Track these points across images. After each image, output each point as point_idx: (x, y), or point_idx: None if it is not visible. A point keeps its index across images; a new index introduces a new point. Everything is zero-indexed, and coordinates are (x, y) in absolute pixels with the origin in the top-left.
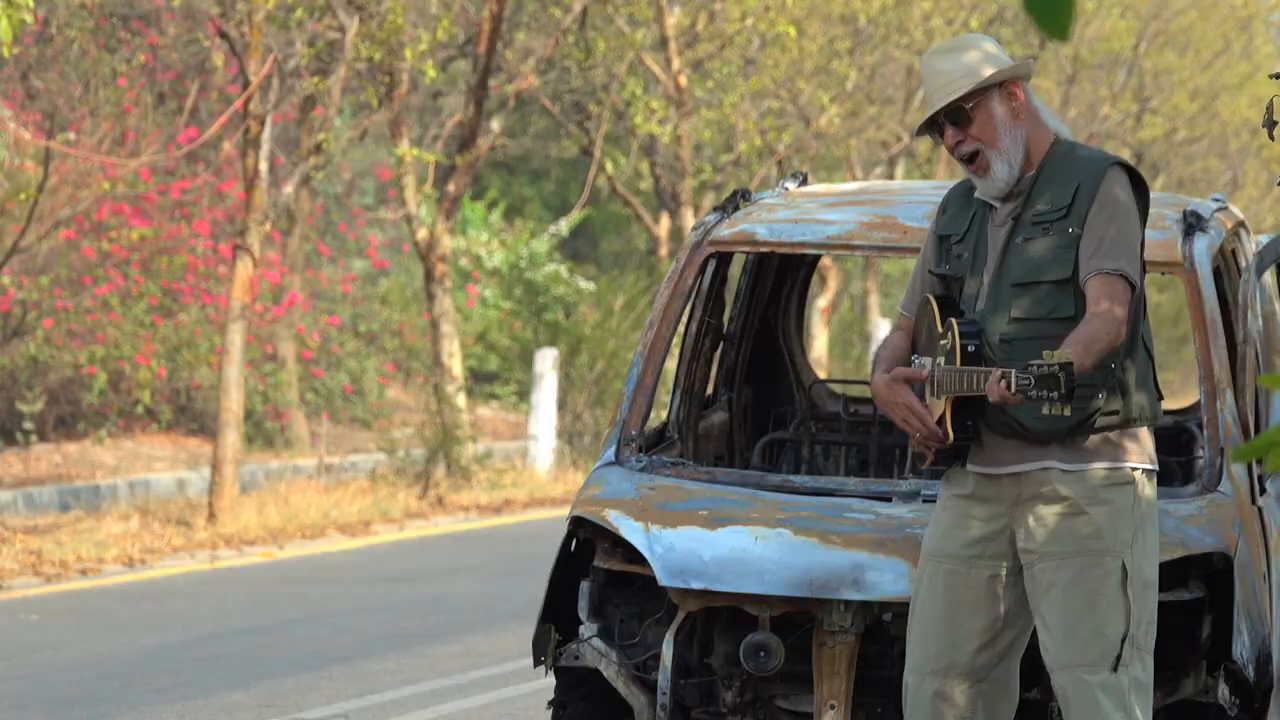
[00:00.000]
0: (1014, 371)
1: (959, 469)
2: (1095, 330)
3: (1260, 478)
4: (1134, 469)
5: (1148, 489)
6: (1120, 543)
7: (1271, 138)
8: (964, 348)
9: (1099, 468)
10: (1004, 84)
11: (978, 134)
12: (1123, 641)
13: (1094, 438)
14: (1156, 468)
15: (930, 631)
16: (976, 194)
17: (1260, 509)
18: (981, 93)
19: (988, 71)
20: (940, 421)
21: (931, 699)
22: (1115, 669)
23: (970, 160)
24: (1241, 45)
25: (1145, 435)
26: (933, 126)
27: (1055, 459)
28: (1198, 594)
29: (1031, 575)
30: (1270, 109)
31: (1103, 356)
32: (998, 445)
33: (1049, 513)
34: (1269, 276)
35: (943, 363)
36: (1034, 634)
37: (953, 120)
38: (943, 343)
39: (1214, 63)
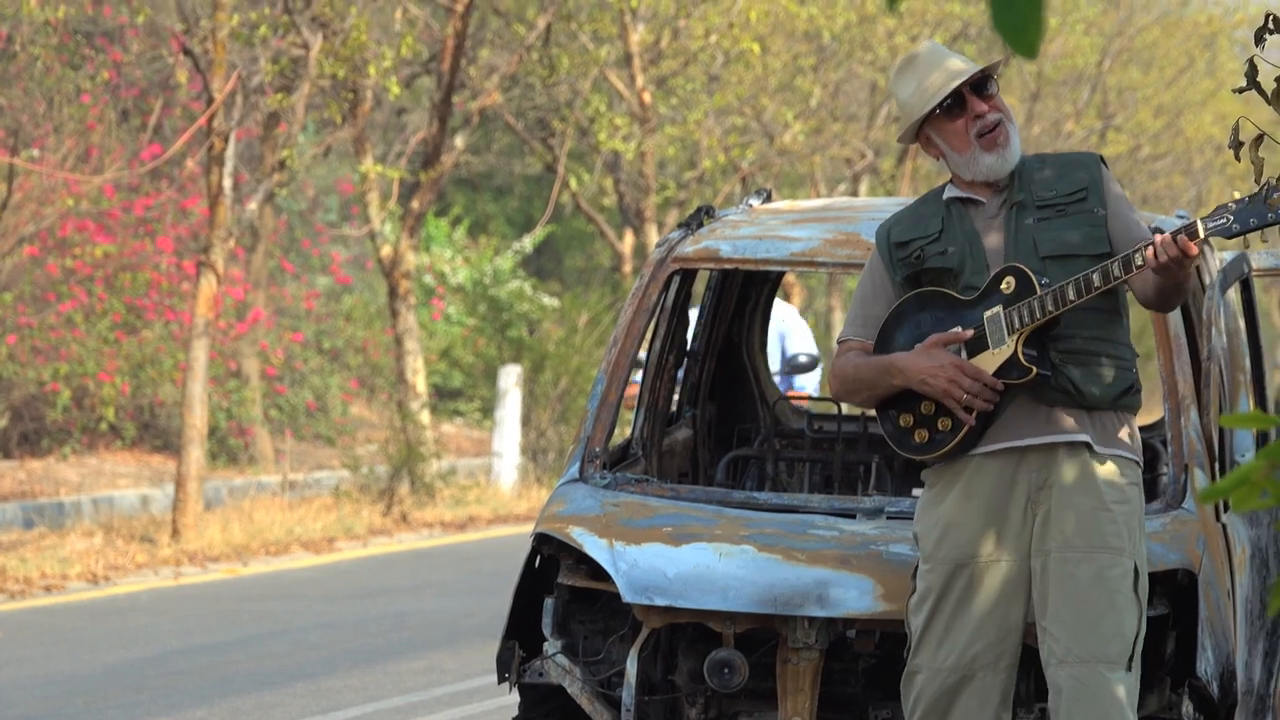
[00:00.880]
0: (1198, 219)
1: (969, 465)
2: None
3: None
4: (1140, 466)
5: (1143, 494)
6: (1134, 543)
7: (1237, 158)
8: (1041, 281)
9: (1124, 457)
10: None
11: (1000, 108)
12: (1135, 642)
13: (1117, 424)
14: None
15: (981, 628)
16: (981, 176)
17: (1224, 526)
18: (996, 76)
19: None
20: (1006, 367)
21: (989, 693)
22: (1129, 669)
23: (992, 130)
24: (1205, 62)
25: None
26: (955, 104)
27: (1089, 434)
28: (1162, 611)
29: (1046, 566)
30: (1236, 129)
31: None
32: (1028, 414)
33: (1076, 504)
34: (1233, 293)
35: (1001, 308)
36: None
37: (979, 90)
38: (1003, 289)
39: (1178, 79)
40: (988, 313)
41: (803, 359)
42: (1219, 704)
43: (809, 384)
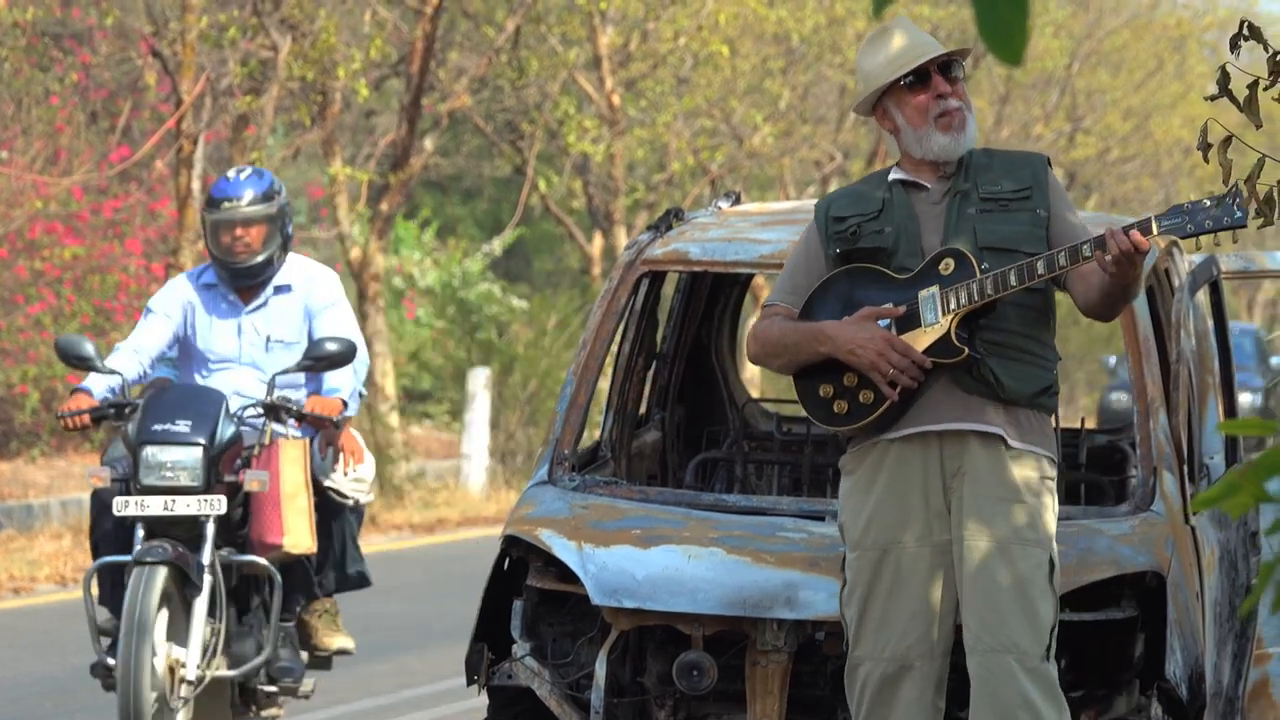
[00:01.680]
0: (1153, 216)
1: (883, 449)
2: None
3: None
4: (1055, 463)
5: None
6: (1048, 536)
7: (1206, 160)
8: (981, 265)
9: (1038, 453)
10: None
11: (962, 93)
12: (1051, 633)
13: (1032, 421)
14: None
15: (915, 616)
16: (932, 155)
17: (1193, 528)
18: (963, 61)
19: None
20: (937, 346)
21: (925, 683)
22: (1046, 658)
23: (951, 113)
24: (1174, 65)
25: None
26: (918, 80)
27: (1001, 427)
28: (1131, 613)
29: (961, 553)
30: (1205, 130)
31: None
32: (945, 400)
33: (989, 495)
34: (1202, 296)
35: (937, 288)
36: None
37: (945, 72)
38: (941, 269)
39: (1147, 82)
40: (922, 291)
41: (330, 347)
42: (1188, 706)
43: (343, 385)
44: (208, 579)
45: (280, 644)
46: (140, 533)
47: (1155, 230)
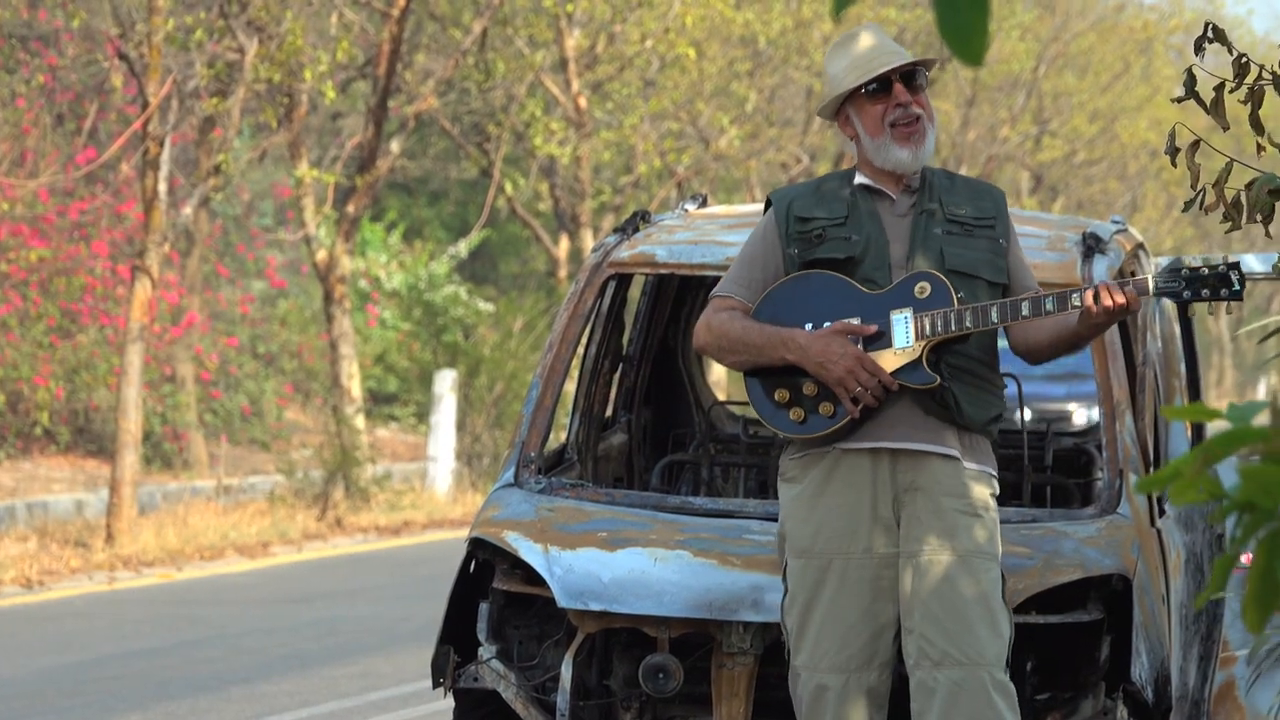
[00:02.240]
0: (1151, 276)
1: (834, 458)
2: None
3: (1160, 500)
4: (996, 479)
5: None
6: (998, 553)
7: (1174, 164)
8: (957, 293)
9: (986, 472)
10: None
11: (923, 105)
12: (1009, 645)
13: (981, 444)
14: None
15: (853, 628)
16: (889, 166)
17: (1159, 531)
18: (928, 72)
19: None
20: (907, 370)
21: (864, 695)
22: (1005, 671)
23: (910, 123)
24: (1141, 68)
25: None
26: (879, 88)
27: (956, 449)
28: (1097, 616)
29: (917, 567)
30: (1173, 135)
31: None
32: (901, 419)
33: (948, 507)
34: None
35: (911, 312)
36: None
37: (908, 82)
38: (916, 293)
39: (1113, 85)
40: (895, 312)
41: None
42: (1154, 709)
43: None
44: None
45: None
46: None
47: (1151, 291)
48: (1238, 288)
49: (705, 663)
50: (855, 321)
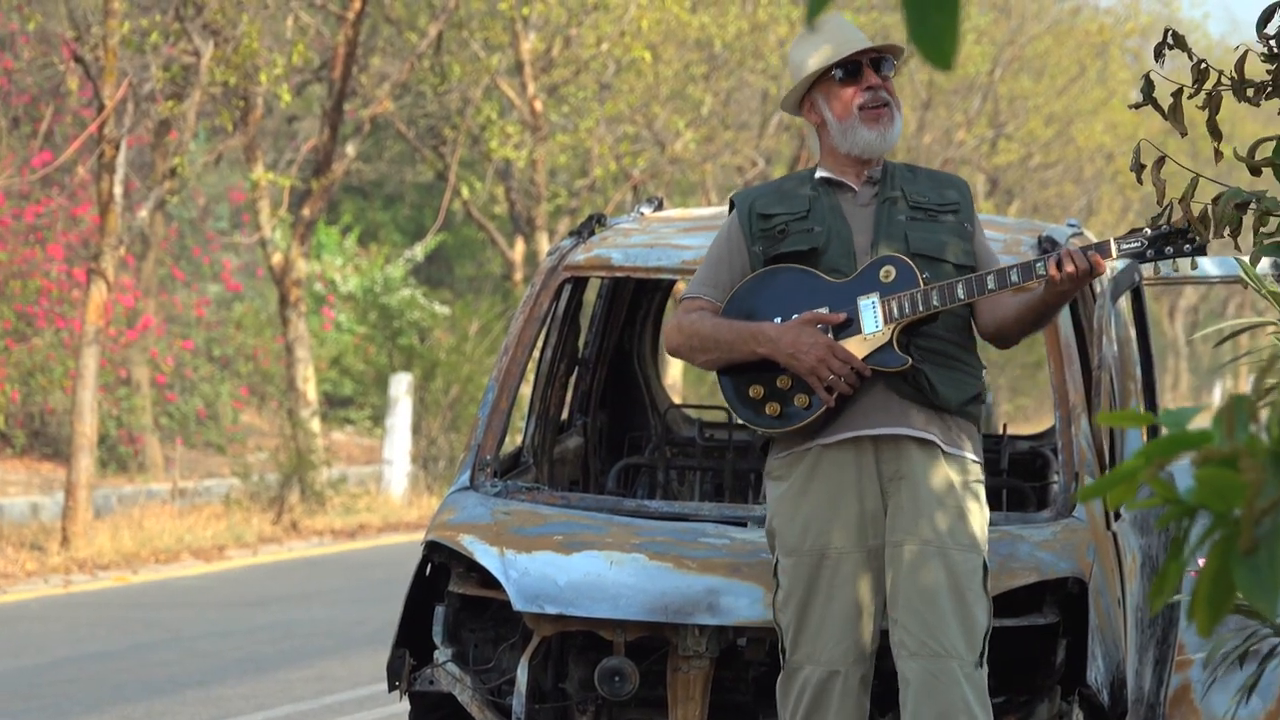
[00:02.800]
0: (1112, 239)
1: (815, 455)
2: None
3: None
4: (982, 466)
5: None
6: (983, 540)
7: (1139, 181)
8: (923, 274)
9: (968, 459)
10: None
11: (892, 90)
12: (985, 638)
13: (960, 428)
14: None
15: (850, 622)
16: (856, 150)
17: (1115, 534)
18: (895, 60)
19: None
20: (878, 355)
21: (859, 685)
22: (979, 664)
23: (879, 107)
24: (1097, 71)
25: None
26: (849, 72)
27: (936, 434)
28: (1052, 619)
29: (899, 556)
30: (1138, 152)
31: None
32: (878, 404)
33: (927, 499)
34: (1124, 302)
35: (878, 296)
36: None
37: (878, 66)
38: (882, 277)
39: (1069, 88)
40: (862, 298)
41: None
42: (1109, 712)
43: None
44: None
45: None
46: None
47: (1114, 253)
48: (1200, 240)
49: (661, 666)
50: (824, 310)
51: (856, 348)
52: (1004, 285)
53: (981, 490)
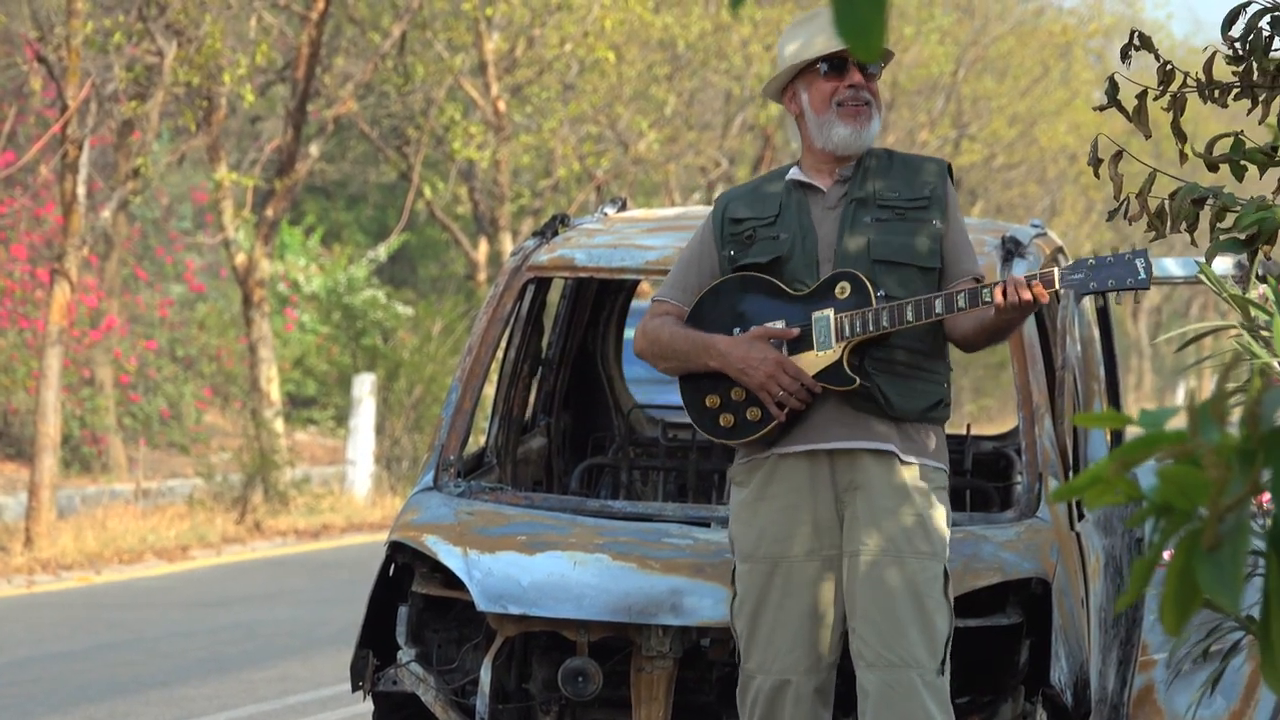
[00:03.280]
0: (1056, 269)
1: (773, 463)
2: None
3: (1079, 503)
4: (947, 474)
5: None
6: (943, 547)
7: (1097, 175)
8: (877, 293)
9: (930, 465)
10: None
11: (875, 91)
12: (946, 645)
13: (923, 434)
14: None
15: (803, 630)
16: (831, 146)
17: (1079, 534)
18: (887, 63)
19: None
20: (828, 372)
21: (813, 695)
22: (941, 671)
23: (858, 105)
24: (1060, 71)
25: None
26: (833, 67)
27: (894, 443)
28: (1016, 619)
29: (855, 567)
30: (1095, 146)
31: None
32: (833, 419)
33: (885, 508)
34: (1087, 302)
35: (832, 313)
36: None
37: (863, 67)
38: (837, 293)
39: (1032, 89)
40: (816, 313)
41: None
42: (1073, 713)
43: None
44: None
45: None
46: None
47: (1057, 284)
48: (1143, 276)
49: (624, 666)
50: (780, 324)
51: (808, 363)
52: (950, 310)
53: (944, 496)
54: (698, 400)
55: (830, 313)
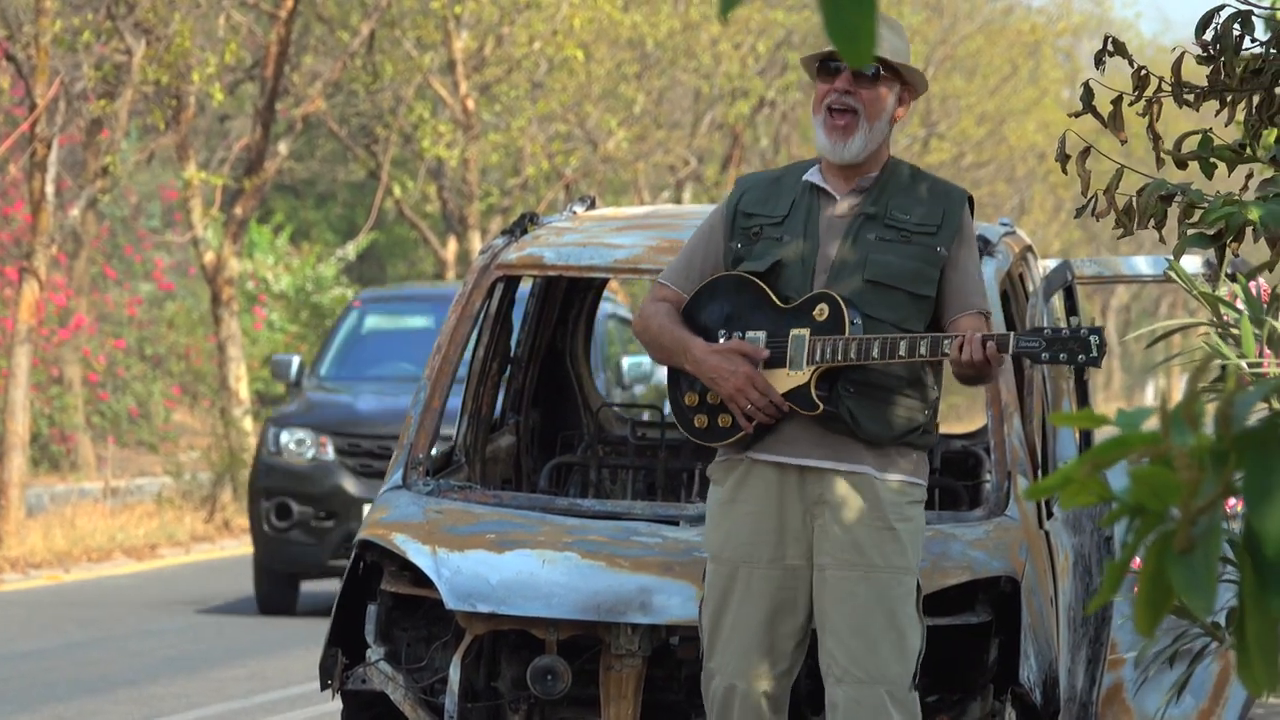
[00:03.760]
0: (1012, 335)
1: (746, 467)
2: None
3: (1048, 502)
4: (925, 488)
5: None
6: (916, 561)
7: (1064, 171)
8: (852, 321)
9: (905, 481)
10: (906, 85)
11: (865, 101)
12: (917, 660)
13: (898, 455)
14: None
15: (757, 636)
16: (819, 150)
17: (1047, 533)
18: (895, 75)
19: (914, 64)
20: (797, 394)
21: (763, 700)
22: (912, 686)
23: (844, 114)
24: (1029, 70)
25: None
26: (826, 66)
27: (869, 465)
28: (985, 618)
29: (825, 580)
30: (1063, 141)
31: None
32: (805, 437)
33: (856, 521)
34: (1056, 300)
35: (808, 334)
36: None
37: (857, 73)
38: (815, 314)
39: (1001, 88)
40: (795, 331)
41: None
42: (1042, 711)
43: None
44: None
45: None
46: None
47: (1010, 348)
48: (1095, 355)
49: (593, 665)
50: (760, 336)
51: (780, 380)
52: (913, 355)
53: (917, 510)
54: (678, 396)
55: (806, 333)
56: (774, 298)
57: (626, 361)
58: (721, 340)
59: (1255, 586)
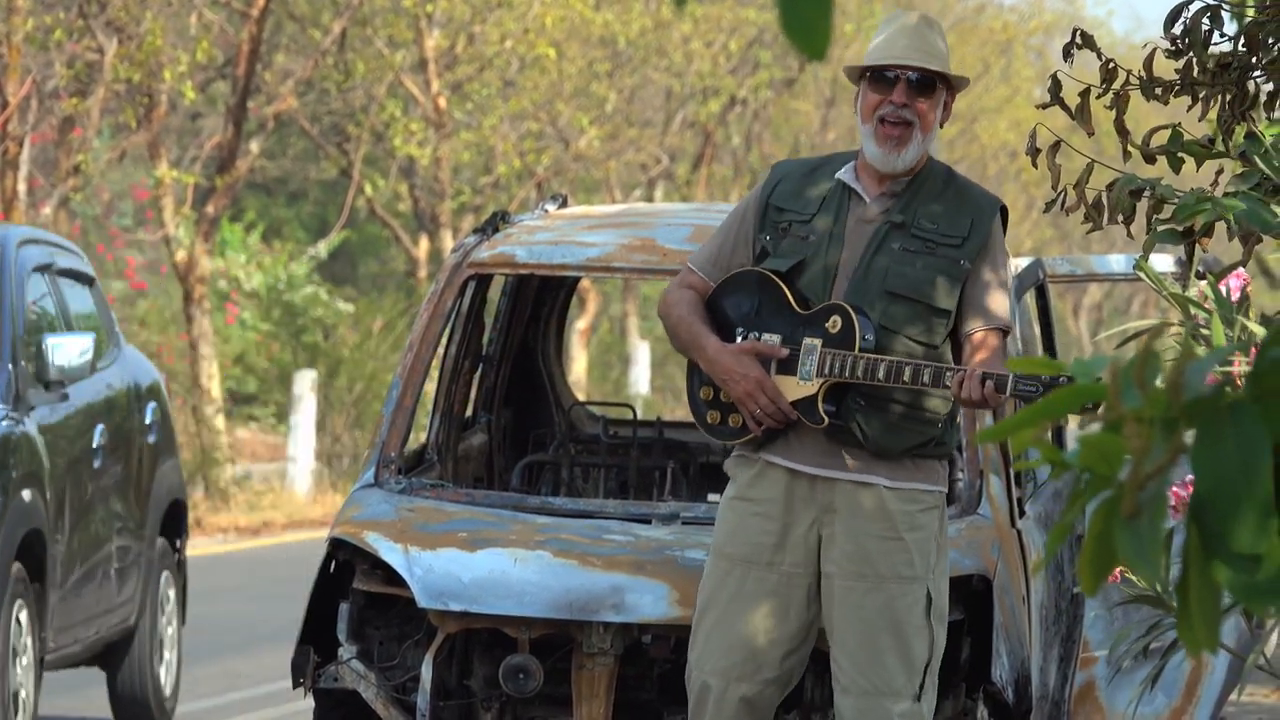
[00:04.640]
0: (1012, 375)
1: (760, 467)
2: None
3: (1020, 501)
4: (941, 493)
5: (944, 516)
6: (926, 570)
7: (1035, 165)
8: (863, 336)
9: (917, 489)
10: (951, 90)
11: (921, 113)
12: (925, 670)
13: (912, 466)
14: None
15: (740, 636)
16: (866, 158)
17: (1020, 532)
18: (947, 85)
19: (961, 73)
20: (805, 405)
21: (738, 704)
22: (918, 698)
23: (896, 125)
24: (1000, 69)
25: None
26: (883, 78)
27: (880, 475)
28: (957, 616)
29: (832, 591)
30: (1033, 135)
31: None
32: (816, 445)
33: (864, 532)
34: (1029, 299)
35: (820, 344)
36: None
37: (916, 85)
38: (829, 325)
39: (973, 86)
40: (808, 339)
41: None
42: (1014, 709)
43: None
44: None
45: None
46: None
47: (1009, 390)
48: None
49: (566, 663)
50: (776, 339)
51: (790, 388)
52: (916, 382)
53: (930, 518)
54: (695, 388)
55: (819, 344)
56: (792, 301)
57: None
58: (739, 339)
59: (1199, 552)
